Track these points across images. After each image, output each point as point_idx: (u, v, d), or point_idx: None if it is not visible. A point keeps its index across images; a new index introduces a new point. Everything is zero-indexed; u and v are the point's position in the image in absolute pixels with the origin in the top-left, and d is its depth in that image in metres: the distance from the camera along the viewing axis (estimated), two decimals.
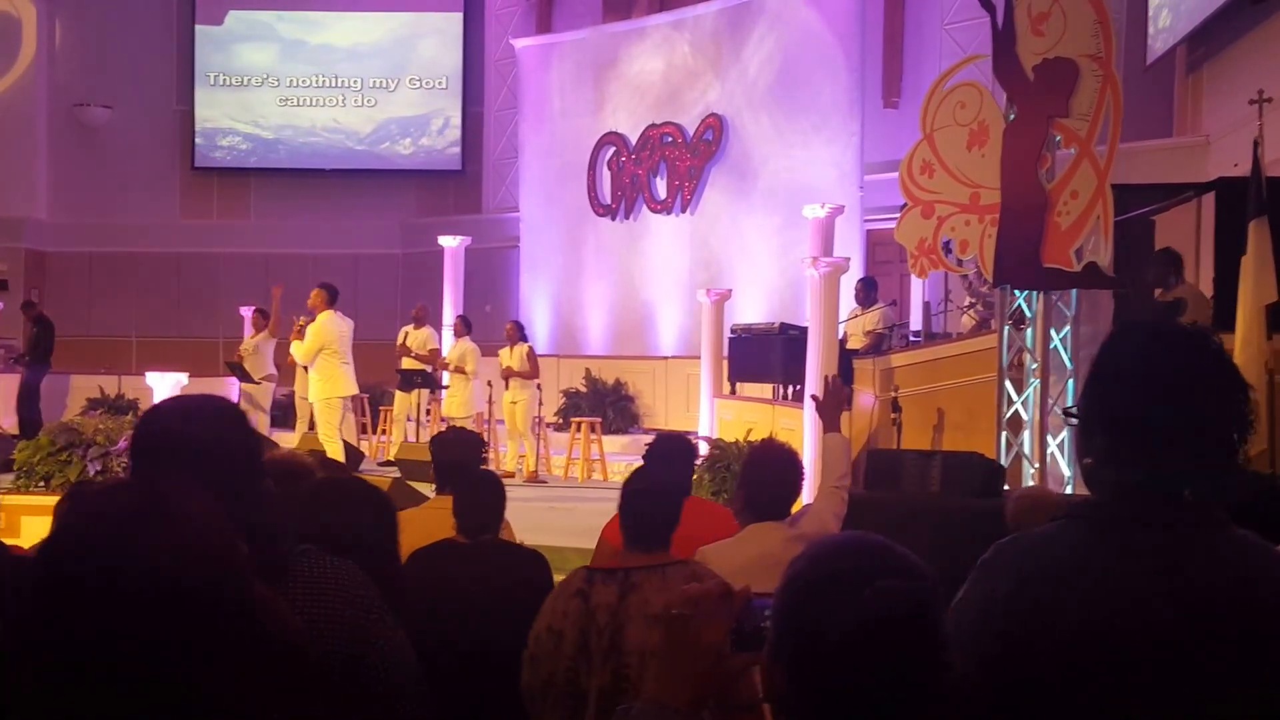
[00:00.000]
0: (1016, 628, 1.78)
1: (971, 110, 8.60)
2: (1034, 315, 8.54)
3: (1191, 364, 1.84)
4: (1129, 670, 1.73)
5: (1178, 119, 13.76)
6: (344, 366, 11.76)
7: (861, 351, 11.70)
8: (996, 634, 1.80)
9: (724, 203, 16.52)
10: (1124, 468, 1.83)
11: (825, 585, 1.49)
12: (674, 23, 17.29)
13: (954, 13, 15.44)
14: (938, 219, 8.70)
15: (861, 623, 1.45)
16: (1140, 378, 1.84)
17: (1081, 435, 1.91)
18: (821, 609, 1.47)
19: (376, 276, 20.86)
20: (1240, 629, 1.73)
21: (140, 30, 21.67)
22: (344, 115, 22.08)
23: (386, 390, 15.72)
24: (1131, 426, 1.83)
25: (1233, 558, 1.80)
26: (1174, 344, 1.87)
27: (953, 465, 7.90)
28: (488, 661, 3.74)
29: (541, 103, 18.79)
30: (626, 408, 16.44)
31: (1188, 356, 1.84)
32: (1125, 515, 1.82)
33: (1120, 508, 1.83)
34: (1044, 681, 1.75)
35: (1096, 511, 1.87)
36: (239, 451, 2.18)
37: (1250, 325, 8.02)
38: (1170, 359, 1.84)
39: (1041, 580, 1.80)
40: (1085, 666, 1.74)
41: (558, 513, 10.80)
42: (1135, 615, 1.75)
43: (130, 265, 20.91)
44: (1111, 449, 1.86)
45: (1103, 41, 7.99)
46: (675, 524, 3.46)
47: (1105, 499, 1.87)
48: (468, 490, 4.31)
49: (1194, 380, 1.82)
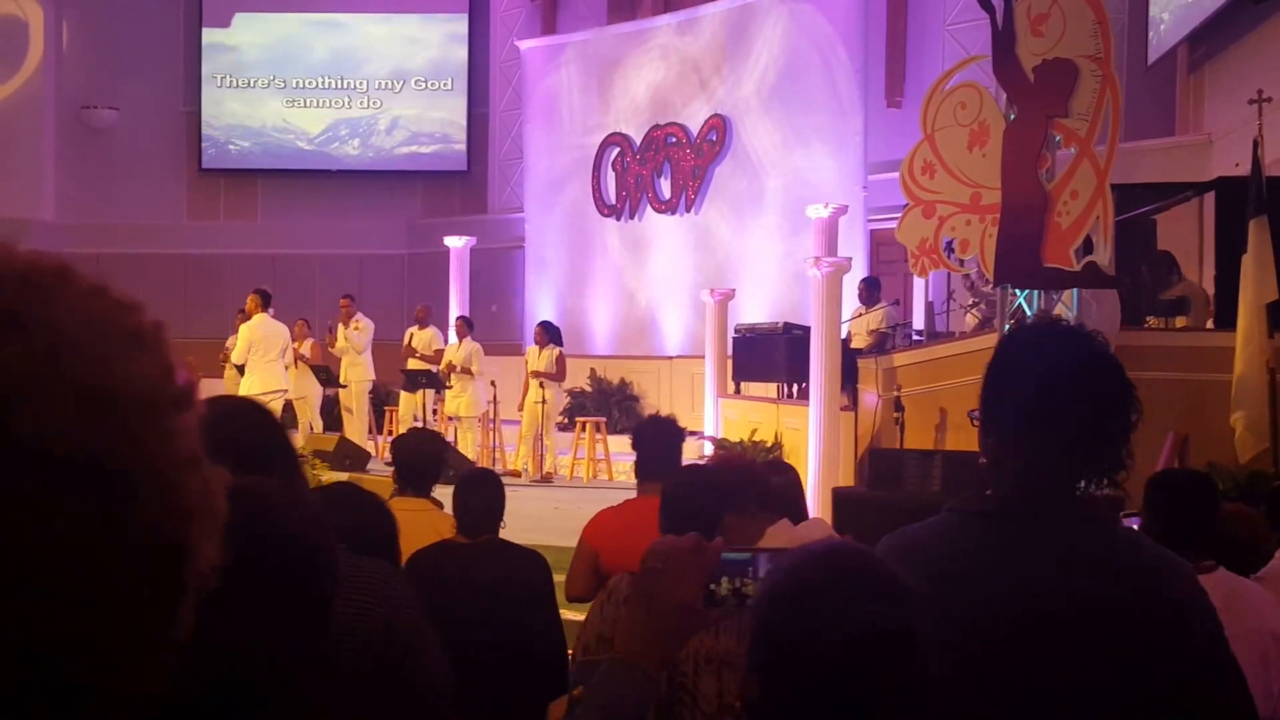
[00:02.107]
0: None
1: (972, 111, 8.64)
2: (1034, 314, 8.58)
3: (1078, 362, 1.86)
4: (1025, 661, 1.77)
5: (1179, 118, 13.77)
6: (270, 365, 12.90)
7: (865, 351, 11.74)
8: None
9: (728, 203, 16.56)
10: (1015, 464, 1.86)
11: (805, 599, 1.46)
12: (678, 24, 17.32)
13: (956, 14, 15.47)
14: (939, 219, 8.75)
15: (845, 644, 1.41)
16: (1028, 376, 1.86)
17: (980, 434, 1.94)
18: (800, 623, 1.44)
19: (382, 277, 20.91)
20: (1112, 623, 1.77)
21: (147, 32, 21.74)
22: (350, 116, 22.13)
23: (392, 390, 15.78)
24: (1020, 424, 1.86)
25: (1113, 552, 1.84)
26: (1061, 343, 1.89)
27: (954, 464, 7.93)
28: (488, 661, 3.72)
29: (546, 104, 18.84)
30: (631, 407, 16.48)
31: (1074, 355, 1.86)
32: (1016, 510, 1.85)
33: (1011, 503, 1.86)
34: (950, 677, 1.80)
35: (986, 506, 1.90)
36: (286, 449, 2.24)
37: (1251, 324, 8.06)
38: (1057, 358, 1.86)
39: (943, 578, 1.82)
40: (985, 658, 1.78)
41: (561, 513, 10.85)
42: (1030, 606, 1.78)
43: (137, 266, 20.95)
44: (1003, 446, 1.89)
45: (1102, 42, 8.04)
46: (720, 520, 3.31)
47: (998, 494, 1.90)
48: (467, 490, 4.28)
49: (1081, 379, 1.85)
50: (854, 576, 1.47)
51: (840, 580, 1.46)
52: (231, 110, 22.21)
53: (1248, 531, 4.09)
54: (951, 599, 1.78)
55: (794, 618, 1.45)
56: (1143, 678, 1.76)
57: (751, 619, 1.51)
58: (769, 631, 1.48)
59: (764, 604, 1.49)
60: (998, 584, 1.81)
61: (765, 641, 1.48)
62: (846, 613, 1.42)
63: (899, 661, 1.43)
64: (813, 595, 1.45)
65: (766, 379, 12.76)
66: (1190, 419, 7.83)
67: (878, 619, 1.42)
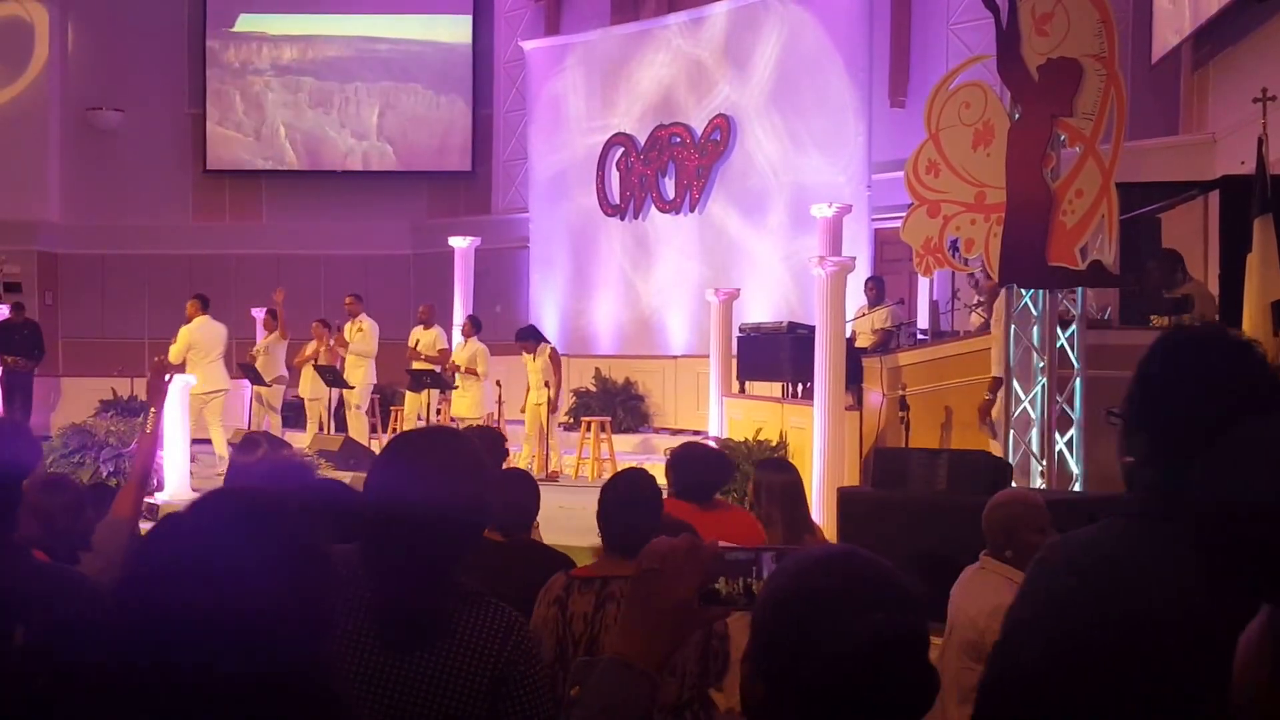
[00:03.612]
0: (1079, 618, 1.86)
1: (976, 110, 8.63)
2: (1040, 314, 8.58)
3: (1239, 372, 1.89)
4: (1168, 658, 1.80)
5: (1183, 117, 13.76)
6: (212, 365, 13.53)
7: (869, 350, 11.74)
8: (1063, 623, 1.88)
9: (732, 202, 16.56)
10: (1163, 469, 1.88)
11: (812, 605, 1.45)
12: (682, 24, 17.32)
13: (960, 13, 15.46)
14: (943, 218, 8.74)
15: (854, 650, 1.40)
16: (1189, 383, 1.89)
17: (1124, 435, 1.96)
18: (808, 629, 1.43)
19: (387, 277, 20.92)
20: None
21: (152, 33, 21.75)
22: (354, 117, 22.15)
23: (397, 390, 15.81)
24: (1174, 430, 1.88)
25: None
26: (1223, 351, 1.92)
27: (959, 463, 7.91)
28: None
29: (550, 104, 18.85)
30: (636, 407, 16.50)
31: (1235, 365, 1.90)
32: (1162, 513, 1.87)
33: (1157, 506, 1.88)
34: (1098, 668, 1.83)
35: (1136, 509, 1.93)
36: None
37: (1256, 322, 8.07)
38: (1219, 366, 1.90)
39: (1097, 574, 1.88)
40: (1132, 654, 1.81)
41: (566, 512, 10.86)
42: (1176, 606, 1.81)
43: (143, 267, 20.98)
44: (1153, 450, 1.92)
45: (1106, 41, 8.03)
46: (656, 530, 3.37)
47: (1144, 497, 1.93)
48: (502, 489, 4.36)
49: (1240, 388, 1.87)
50: (861, 582, 1.46)
51: (848, 586, 1.45)
52: (236, 111, 22.23)
53: None
54: (1128, 598, 1.83)
55: (801, 623, 1.44)
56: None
57: (756, 624, 1.50)
58: (775, 637, 1.47)
59: (769, 609, 1.48)
60: (1176, 583, 1.84)
61: (771, 647, 1.47)
62: (855, 618, 1.41)
63: (908, 667, 1.42)
64: (820, 601, 1.44)
65: (771, 378, 12.77)
66: None
67: (886, 625, 1.41)
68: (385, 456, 2.34)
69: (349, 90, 22.14)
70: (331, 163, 22.16)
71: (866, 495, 8.13)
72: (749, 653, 1.50)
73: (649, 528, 3.39)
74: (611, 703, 1.54)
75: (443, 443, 2.35)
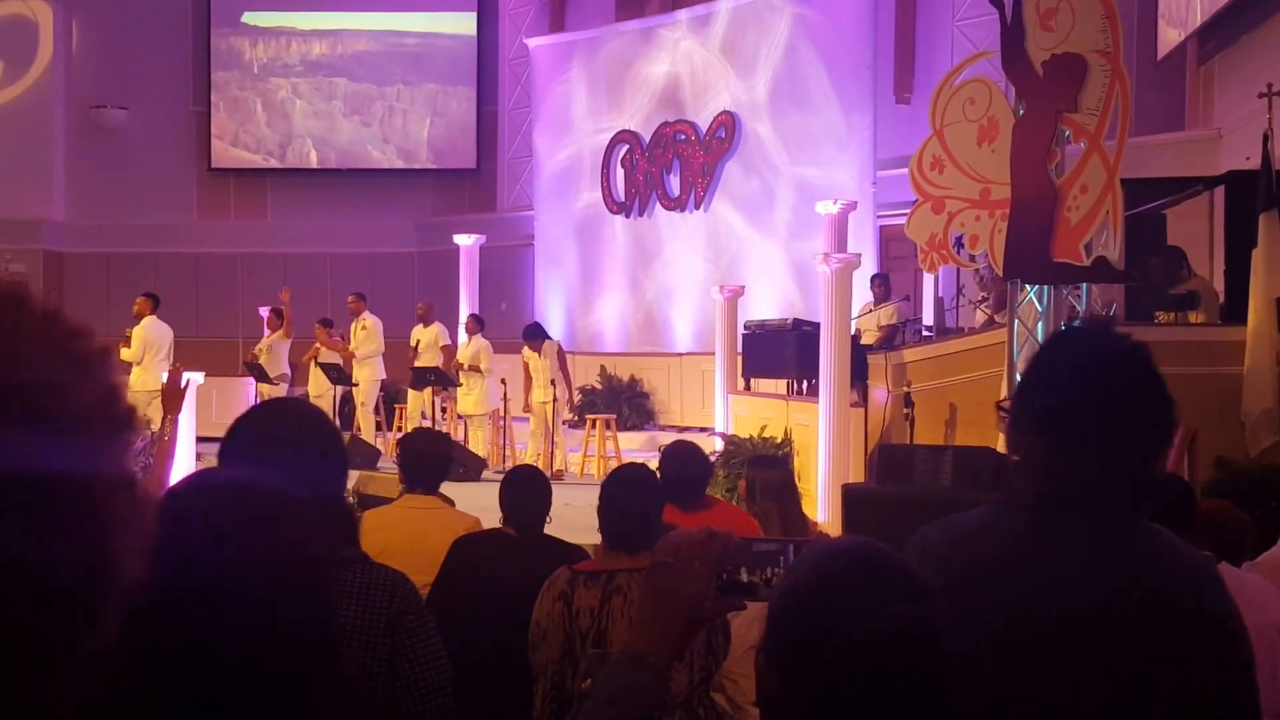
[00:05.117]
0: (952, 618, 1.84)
1: (981, 106, 8.64)
2: (1045, 309, 8.57)
3: (1126, 372, 1.88)
4: (1059, 656, 1.78)
5: (1189, 113, 13.74)
6: (161, 364, 13.47)
7: (874, 346, 11.74)
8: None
9: (737, 199, 16.56)
10: (1052, 464, 1.88)
11: (828, 596, 1.44)
12: (687, 21, 17.32)
13: (965, 9, 15.45)
14: (948, 214, 8.74)
15: (869, 642, 1.39)
16: (1077, 381, 1.88)
17: (1012, 430, 1.96)
18: (824, 621, 1.42)
19: (393, 275, 20.93)
20: (1149, 619, 1.79)
21: (156, 32, 21.78)
22: (359, 115, 22.17)
23: (401, 388, 15.81)
24: (1062, 426, 1.87)
25: (1147, 548, 1.86)
26: (1111, 351, 1.91)
27: (964, 459, 7.93)
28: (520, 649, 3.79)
29: (555, 101, 18.85)
30: (642, 404, 16.50)
31: (1124, 364, 1.89)
32: (1051, 506, 1.87)
33: (1046, 499, 1.87)
34: (982, 670, 1.80)
35: (1020, 500, 1.91)
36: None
37: (1261, 318, 8.06)
38: (1107, 365, 1.88)
39: (970, 570, 1.84)
40: (1017, 653, 1.78)
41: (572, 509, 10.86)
42: (1063, 601, 1.80)
43: (148, 266, 21.01)
44: (1042, 446, 1.90)
45: (1111, 37, 8.03)
46: (658, 524, 3.41)
47: (1033, 489, 1.91)
48: (514, 487, 4.45)
49: (1128, 388, 1.87)
50: (878, 574, 1.45)
51: (864, 578, 1.44)
52: (241, 109, 22.25)
53: (1235, 529, 4.10)
54: (989, 590, 1.81)
55: (817, 615, 1.43)
56: (1172, 679, 1.78)
57: (772, 614, 1.49)
58: (791, 628, 1.46)
59: (785, 600, 1.48)
60: (1034, 578, 1.83)
61: (786, 638, 1.46)
62: (871, 611, 1.40)
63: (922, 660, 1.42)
64: (836, 592, 1.43)
65: (776, 375, 12.76)
66: (1200, 414, 7.82)
67: (902, 617, 1.41)
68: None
69: (354, 88, 22.15)
70: (336, 160, 22.18)
71: (871, 491, 8.14)
72: (764, 643, 1.49)
73: (649, 523, 3.41)
74: (622, 695, 1.54)
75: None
